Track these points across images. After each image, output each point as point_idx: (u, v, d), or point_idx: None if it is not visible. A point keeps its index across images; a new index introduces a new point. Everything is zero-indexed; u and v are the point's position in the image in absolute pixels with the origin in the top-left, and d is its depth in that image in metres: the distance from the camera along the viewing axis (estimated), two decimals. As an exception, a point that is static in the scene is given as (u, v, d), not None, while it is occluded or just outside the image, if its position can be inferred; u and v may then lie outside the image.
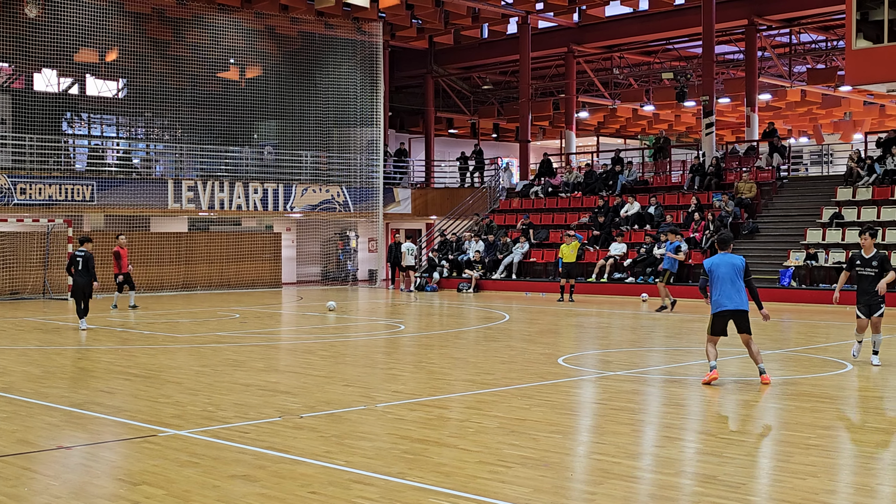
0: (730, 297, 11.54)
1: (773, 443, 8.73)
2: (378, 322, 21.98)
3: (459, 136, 52.33)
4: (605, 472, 7.46)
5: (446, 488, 6.93)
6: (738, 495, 6.80)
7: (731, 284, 11.54)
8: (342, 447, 8.29)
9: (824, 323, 20.68)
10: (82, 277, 18.86)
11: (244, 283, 34.10)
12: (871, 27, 28.55)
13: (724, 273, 11.58)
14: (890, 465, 7.78)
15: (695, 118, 49.81)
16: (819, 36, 40.26)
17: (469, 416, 9.82)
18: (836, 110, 48.12)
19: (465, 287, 32.33)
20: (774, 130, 35.34)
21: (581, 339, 18.07)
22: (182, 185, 32.50)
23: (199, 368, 13.35)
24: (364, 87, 36.75)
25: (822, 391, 11.24)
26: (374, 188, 37.07)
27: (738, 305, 11.55)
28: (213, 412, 10.01)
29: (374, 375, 12.91)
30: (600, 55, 43.18)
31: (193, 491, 6.94)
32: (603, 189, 35.55)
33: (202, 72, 34.59)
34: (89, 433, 9.16)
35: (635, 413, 10.05)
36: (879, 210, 28.04)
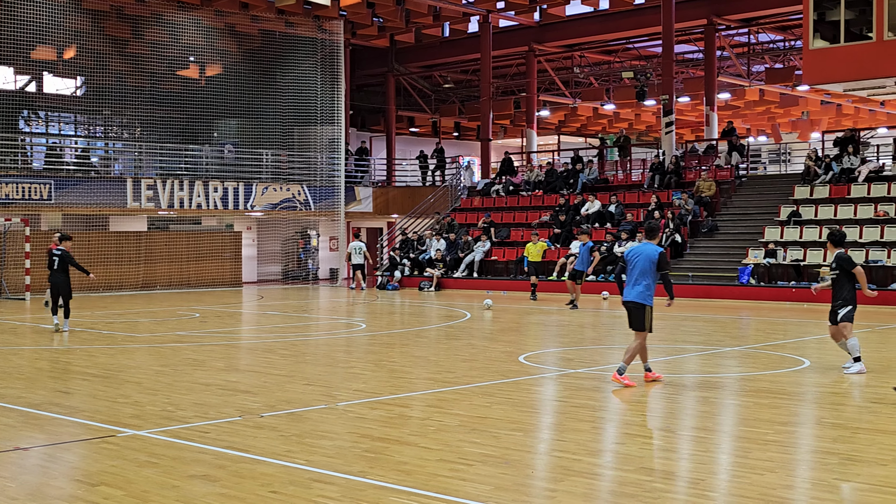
0: (629, 288, 11.34)
1: (731, 439, 8.80)
2: (339, 321, 21.92)
3: (421, 134, 52.30)
4: (565, 469, 7.49)
5: (407, 486, 6.92)
6: (697, 491, 6.86)
7: (639, 275, 11.23)
8: (303, 446, 8.25)
9: (782, 320, 20.89)
10: (57, 277, 18.15)
11: (204, 283, 33.88)
12: (827, 27, 28.90)
13: (637, 263, 11.29)
14: (847, 460, 7.86)
15: (655, 117, 50.14)
16: (777, 36, 40.68)
17: (430, 414, 9.82)
18: (793, 109, 48.66)
19: (427, 285, 32.33)
20: (733, 129, 35.67)
21: (542, 337, 18.12)
22: (141, 183, 32.22)
23: (158, 368, 13.24)
24: (325, 85, 36.62)
25: (779, 388, 11.35)
26: (336, 187, 36.96)
27: (628, 297, 11.33)
28: (173, 412, 9.93)
29: (335, 374, 12.87)
30: (561, 54, 43.35)
31: (152, 491, 6.89)
32: (564, 188, 35.69)
33: (161, 70, 34.33)
34: (47, 434, 9.05)
35: (596, 410, 10.10)
36: (836, 208, 28.38)
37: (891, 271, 25.43)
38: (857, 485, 7.03)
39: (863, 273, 12.63)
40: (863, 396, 10.81)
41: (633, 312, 11.36)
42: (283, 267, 39.57)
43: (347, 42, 39.06)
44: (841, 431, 9.09)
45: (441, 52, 43.93)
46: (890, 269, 25.41)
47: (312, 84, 36.66)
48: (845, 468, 7.57)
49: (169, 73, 34.98)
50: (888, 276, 25.45)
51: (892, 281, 25.31)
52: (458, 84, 49.11)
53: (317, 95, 36.61)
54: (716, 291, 27.18)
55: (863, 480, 7.12)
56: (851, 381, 11.93)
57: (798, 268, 26.71)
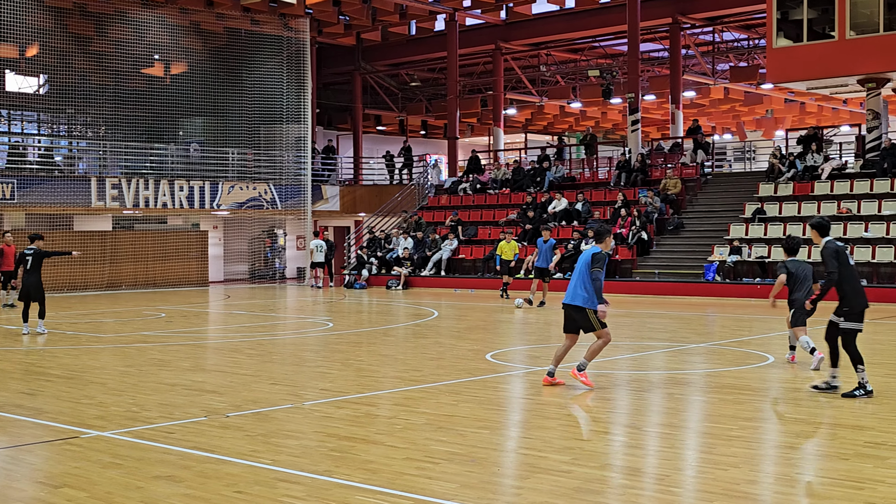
0: (568, 289, 11.18)
1: (696, 435, 8.86)
2: (306, 320, 21.86)
3: (388, 133, 52.24)
4: (531, 466, 7.51)
5: (373, 485, 6.91)
6: (662, 487, 6.90)
7: (577, 277, 11.07)
8: (268, 446, 8.22)
9: (747, 317, 21.05)
10: (30, 277, 17.55)
11: (170, 282, 33.67)
12: (791, 26, 29.16)
13: (577, 265, 11.17)
14: (810, 455, 7.94)
15: (621, 115, 50.36)
16: (741, 34, 40.99)
17: (397, 412, 9.81)
18: (758, 107, 49.06)
19: (394, 284, 32.31)
20: (699, 127, 35.91)
21: (509, 335, 18.16)
22: (106, 182, 31.96)
23: (123, 369, 13.15)
24: (291, 83, 36.49)
25: (744, 383, 11.44)
26: (302, 185, 36.84)
27: (566, 299, 11.17)
28: (138, 412, 9.87)
29: (301, 374, 12.83)
30: (527, 52, 43.45)
31: (116, 493, 6.83)
32: (531, 186, 35.78)
33: (126, 68, 34.03)
34: (9, 436, 8.96)
35: (562, 408, 10.13)
36: (800, 205, 28.63)
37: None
38: (819, 479, 7.09)
39: (779, 282, 12.93)
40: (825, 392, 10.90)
41: (576, 316, 11.07)
42: (250, 266, 39.40)
43: (313, 40, 38.94)
44: (804, 427, 9.17)
45: (408, 51, 43.90)
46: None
47: (278, 82, 36.52)
48: (808, 463, 7.64)
49: (133, 72, 34.71)
50: (851, 273, 25.68)
51: (855, 277, 25.54)
52: (424, 82, 49.10)
53: (283, 94, 36.47)
54: (682, 288, 27.35)
55: (825, 475, 7.19)
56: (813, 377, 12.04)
57: (763, 264, 26.93)
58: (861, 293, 10.45)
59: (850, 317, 10.43)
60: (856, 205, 27.69)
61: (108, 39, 34.43)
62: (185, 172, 34.67)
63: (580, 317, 11.06)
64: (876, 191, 27.97)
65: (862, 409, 9.72)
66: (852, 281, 10.43)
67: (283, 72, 36.61)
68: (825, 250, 10.45)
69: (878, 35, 27.48)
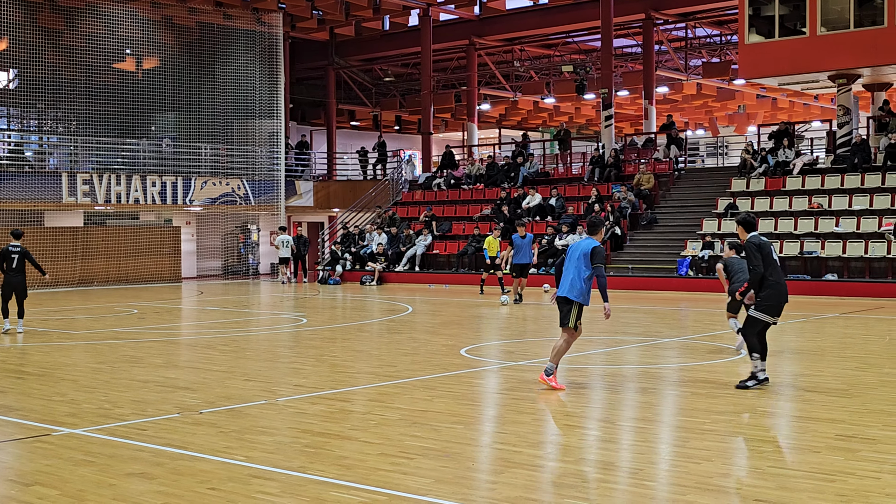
0: (561, 283, 10.86)
1: (669, 429, 8.90)
2: (280, 316, 21.79)
3: (361, 128, 52.13)
4: (506, 461, 7.51)
5: (347, 481, 6.90)
6: (636, 480, 6.92)
7: (573, 269, 10.72)
8: (242, 442, 8.19)
9: (720, 311, 21.13)
10: (16, 276, 17.01)
11: (143, 279, 33.48)
12: (762, 22, 29.33)
13: (573, 257, 10.79)
14: (782, 448, 7.99)
15: (594, 111, 50.49)
16: (713, 30, 41.19)
17: (371, 408, 9.80)
18: (730, 103, 49.30)
19: (369, 280, 32.27)
20: (672, 123, 36.07)
21: (483, 330, 18.18)
22: (77, 178, 31.73)
23: (95, 365, 13.06)
24: (264, 78, 36.36)
25: (716, 377, 11.50)
26: (276, 181, 36.73)
27: (561, 292, 10.82)
28: (110, 410, 9.80)
29: (275, 370, 12.79)
30: (501, 48, 43.47)
31: (88, 490, 6.79)
32: (505, 181, 35.81)
33: (97, 62, 33.74)
34: (-21, 434, 8.88)
35: (536, 402, 10.14)
36: (772, 200, 28.81)
37: (825, 262, 25.90)
38: (791, 471, 7.14)
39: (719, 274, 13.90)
40: (796, 385, 10.99)
41: (561, 307, 10.84)
42: (224, 262, 39.24)
43: (287, 35, 38.81)
44: (776, 420, 9.24)
45: (381, 46, 43.83)
46: (824, 259, 25.87)
47: (252, 77, 36.38)
48: (780, 456, 7.69)
49: (105, 66, 34.42)
50: (822, 267, 25.92)
51: (826, 272, 25.78)
52: (398, 77, 49.03)
53: (256, 89, 36.33)
54: (655, 283, 27.48)
55: (797, 467, 7.24)
56: (785, 371, 12.14)
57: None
58: (780, 288, 10.56)
59: (761, 308, 10.58)
60: (827, 200, 27.90)
61: (79, 34, 34.15)
62: (157, 168, 34.47)
63: (566, 309, 10.73)
64: (846, 186, 28.20)
65: (833, 402, 9.80)
66: (775, 275, 10.55)
67: (256, 67, 36.47)
68: (748, 245, 10.68)
69: (849, 31, 27.70)
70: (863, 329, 17.44)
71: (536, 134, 57.93)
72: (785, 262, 26.40)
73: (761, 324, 10.62)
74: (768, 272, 10.56)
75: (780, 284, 10.62)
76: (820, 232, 26.68)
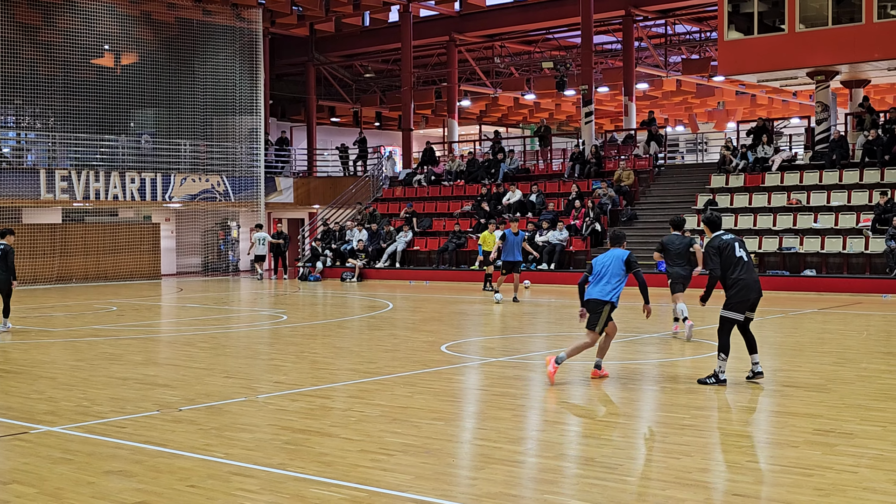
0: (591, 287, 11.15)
1: (649, 424, 8.93)
2: (261, 312, 21.74)
3: (342, 124, 52.06)
4: (486, 457, 7.52)
5: (328, 478, 6.89)
6: (615, 476, 6.94)
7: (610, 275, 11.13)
8: (222, 439, 8.17)
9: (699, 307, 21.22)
10: (3, 274, 16.71)
11: (122, 276, 33.33)
12: (741, 19, 29.46)
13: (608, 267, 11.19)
14: (760, 442, 8.04)
15: (575, 107, 50.57)
16: (693, 27, 41.33)
17: (351, 405, 9.79)
18: (709, 100, 49.51)
19: (349, 276, 32.23)
20: (652, 119, 36.16)
21: (464, 327, 18.18)
22: (55, 174, 31.55)
23: (73, 363, 12.99)
24: (244, 74, 36.23)
25: (696, 373, 11.54)
26: (256, 177, 36.62)
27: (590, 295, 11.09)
28: (89, 407, 9.76)
29: (255, 366, 12.76)
30: (481, 44, 43.48)
31: (67, 488, 6.75)
32: (485, 177, 35.83)
33: (75, 58, 33.54)
34: (-44, 432, 8.82)
35: (516, 398, 10.16)
36: (751, 196, 28.94)
37: (803, 258, 26.03)
38: (770, 466, 7.18)
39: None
40: (775, 380, 11.05)
41: (593, 311, 11.06)
42: (203, 259, 39.10)
43: (266, 31, 38.69)
44: (754, 415, 9.29)
45: (361, 42, 43.77)
46: (802, 255, 26.01)
47: (231, 73, 36.25)
48: (759, 450, 7.74)
49: (83, 62, 34.22)
50: (801, 263, 26.05)
51: (804, 267, 25.91)
52: (379, 74, 48.96)
53: (236, 85, 36.21)
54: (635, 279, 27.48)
55: (775, 462, 7.28)
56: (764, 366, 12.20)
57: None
58: (747, 284, 10.55)
59: (728, 306, 10.64)
60: (805, 196, 28.04)
61: (57, 29, 33.95)
62: (136, 164, 34.30)
63: (598, 311, 10.97)
64: (825, 182, 28.35)
65: (811, 397, 9.85)
66: (738, 272, 10.52)
67: (235, 63, 36.34)
68: (708, 247, 10.75)
69: (828, 28, 27.85)
70: (841, 324, 17.55)
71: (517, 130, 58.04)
72: (763, 257, 26.53)
73: (731, 322, 10.64)
74: (731, 271, 10.52)
75: (746, 280, 10.56)
76: (798, 228, 26.81)
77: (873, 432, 8.19)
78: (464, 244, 32.01)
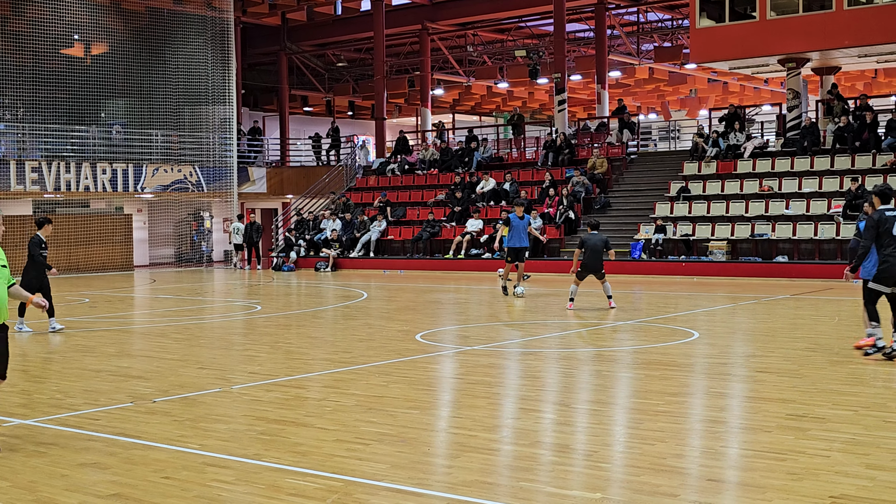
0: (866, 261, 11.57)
1: (624, 411, 8.97)
2: (234, 303, 21.66)
3: (315, 114, 51.87)
4: (461, 445, 7.53)
5: (303, 468, 6.88)
6: (590, 462, 6.97)
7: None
8: (196, 431, 8.13)
9: (673, 294, 21.36)
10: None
11: (94, 267, 33.11)
12: (713, 7, 29.57)
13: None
14: (734, 428, 8.09)
15: (548, 95, 50.62)
16: (665, 15, 41.42)
17: (327, 395, 9.78)
18: (682, 87, 49.70)
19: (323, 266, 32.16)
20: (624, 107, 36.25)
21: (439, 316, 18.18)
22: (25, 165, 31.27)
23: (46, 355, 12.91)
24: (216, 64, 36.00)
25: (670, 359, 11.61)
26: (228, 167, 36.43)
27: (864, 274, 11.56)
28: (62, 399, 9.69)
29: (229, 357, 12.71)
30: (454, 33, 43.41)
31: (40, 481, 6.71)
32: (459, 166, 35.82)
33: (45, 48, 33.20)
34: (-73, 426, 8.74)
35: (492, 387, 10.18)
36: (723, 183, 29.09)
37: (775, 244, 26.21)
38: (743, 451, 7.23)
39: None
40: (748, 366, 11.12)
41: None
42: (176, 250, 38.89)
43: (238, 20, 38.45)
44: (728, 400, 9.35)
45: (334, 31, 43.61)
46: (774, 242, 26.19)
47: (203, 63, 36.00)
48: (732, 436, 7.79)
49: (52, 52, 33.88)
50: (773, 249, 26.23)
51: (777, 254, 26.09)
52: (351, 63, 48.80)
53: (207, 75, 35.97)
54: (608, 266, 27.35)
55: (749, 447, 7.33)
56: (737, 352, 12.29)
57: (688, 242, 27.34)
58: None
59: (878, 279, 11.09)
60: (777, 182, 28.22)
61: (26, 19, 33.58)
62: (107, 155, 34.03)
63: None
64: (796, 169, 28.53)
65: (784, 382, 9.93)
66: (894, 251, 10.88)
67: (207, 52, 36.09)
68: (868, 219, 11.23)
69: (798, 16, 28.00)
70: (813, 310, 17.68)
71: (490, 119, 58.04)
72: (736, 244, 26.70)
73: (877, 294, 11.16)
74: (883, 247, 10.90)
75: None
76: (770, 214, 26.98)
77: (845, 416, 8.26)
78: (438, 233, 32.00)
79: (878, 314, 11.23)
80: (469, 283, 25.07)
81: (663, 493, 6.11)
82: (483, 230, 30.91)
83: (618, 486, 6.43)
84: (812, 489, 6.14)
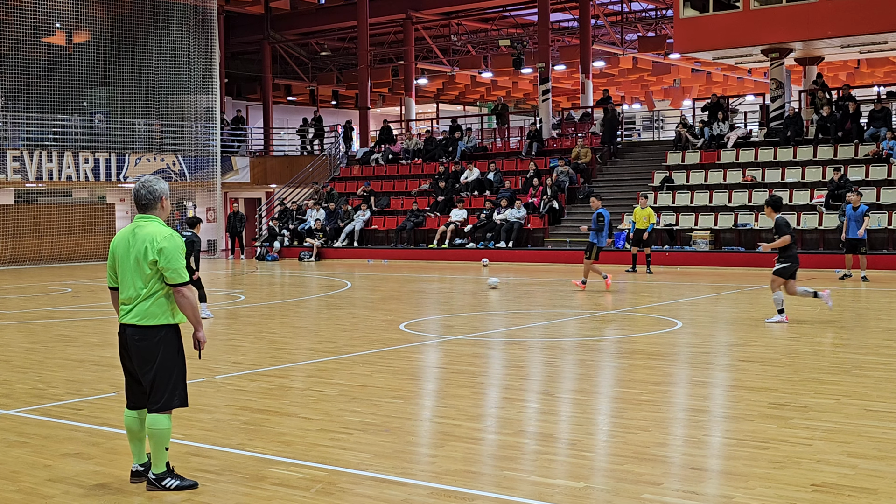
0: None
1: (607, 400, 9.00)
2: (218, 293, 21.59)
3: (298, 103, 51.72)
4: (445, 434, 7.54)
5: (287, 457, 6.88)
6: (574, 451, 6.99)
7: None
8: (180, 420, 8.11)
9: (657, 283, 21.42)
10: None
11: (77, 257, 32.95)
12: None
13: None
14: (717, 417, 8.12)
15: (532, 85, 50.59)
16: (649, 5, 41.45)
17: (311, 384, 9.77)
18: (665, 77, 49.74)
19: (307, 256, 32.11)
20: (609, 97, 36.26)
21: (423, 305, 18.19)
22: (6, 155, 31.06)
23: (28, 345, 12.84)
24: (198, 52, 35.80)
25: (654, 349, 11.64)
26: (211, 157, 36.27)
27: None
28: (44, 390, 9.65)
29: (213, 347, 12.67)
30: (438, 22, 43.33)
31: (23, 471, 6.68)
32: (443, 156, 35.79)
33: (26, 36, 32.94)
34: None
35: (476, 376, 10.19)
36: (707, 173, 29.16)
37: (758, 234, 26.29)
38: (726, 440, 7.27)
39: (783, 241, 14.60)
40: (731, 356, 11.17)
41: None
42: (159, 239, 38.67)
43: (221, 8, 38.26)
44: (711, 389, 9.39)
45: (317, 20, 43.45)
46: (758, 231, 26.27)
47: (185, 52, 35.78)
48: (715, 425, 7.82)
49: (34, 40, 33.63)
50: (756, 239, 26.31)
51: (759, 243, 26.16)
52: (335, 52, 48.66)
53: (190, 63, 35.76)
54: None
55: (731, 436, 7.37)
56: (720, 341, 12.34)
57: (671, 232, 27.40)
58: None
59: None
60: (760, 172, 28.30)
61: (6, 7, 33.32)
62: (89, 144, 33.83)
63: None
64: (780, 158, 28.63)
65: (766, 371, 9.97)
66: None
67: (189, 41, 35.88)
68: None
69: (782, 6, 28.05)
70: (795, 299, 17.73)
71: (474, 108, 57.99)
72: (719, 234, 26.78)
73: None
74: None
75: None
76: (754, 204, 27.06)
77: (827, 405, 8.30)
78: (422, 223, 31.98)
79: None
80: (453, 273, 25.08)
81: (646, 482, 6.14)
82: (467, 220, 30.91)
83: (601, 474, 6.45)
84: (794, 477, 6.17)
